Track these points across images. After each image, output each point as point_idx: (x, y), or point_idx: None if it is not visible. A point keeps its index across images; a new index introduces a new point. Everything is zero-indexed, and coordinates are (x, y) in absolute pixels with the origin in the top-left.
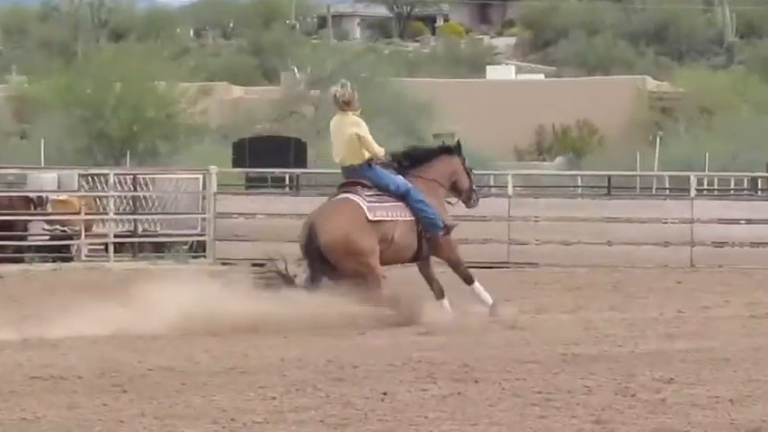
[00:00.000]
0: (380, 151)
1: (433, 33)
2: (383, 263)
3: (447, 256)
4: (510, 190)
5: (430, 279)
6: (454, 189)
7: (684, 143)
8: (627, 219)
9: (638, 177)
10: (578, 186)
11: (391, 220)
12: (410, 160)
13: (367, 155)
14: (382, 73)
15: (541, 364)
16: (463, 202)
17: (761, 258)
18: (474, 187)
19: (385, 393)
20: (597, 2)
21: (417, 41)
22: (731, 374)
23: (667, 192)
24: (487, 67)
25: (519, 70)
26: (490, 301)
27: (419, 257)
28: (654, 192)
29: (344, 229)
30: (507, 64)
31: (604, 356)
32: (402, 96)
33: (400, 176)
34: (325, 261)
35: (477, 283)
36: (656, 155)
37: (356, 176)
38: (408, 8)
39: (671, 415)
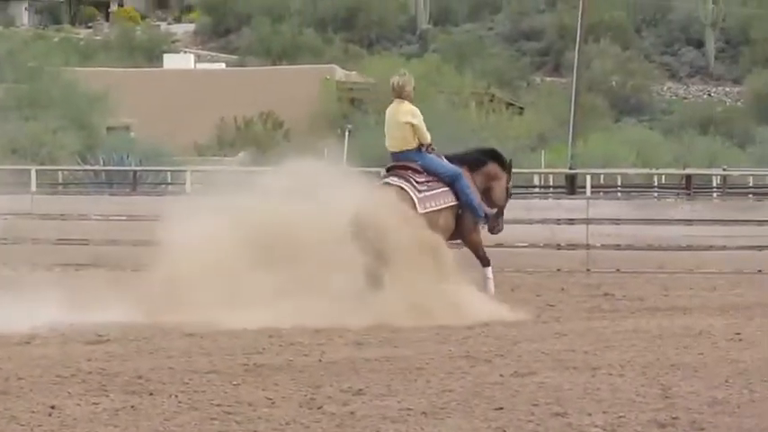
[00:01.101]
0: (429, 139)
1: (107, 19)
2: None
3: (472, 238)
4: (188, 187)
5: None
6: (486, 199)
7: (375, 136)
8: None
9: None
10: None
11: (437, 209)
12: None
13: (418, 143)
14: (52, 62)
15: (221, 375)
16: (490, 222)
17: None
18: (503, 211)
19: (53, 407)
20: None
21: (90, 28)
22: (424, 385)
23: None
24: (165, 55)
25: (198, 59)
26: (492, 292)
27: (452, 239)
28: None
29: (392, 220)
30: (186, 52)
31: (289, 366)
32: (74, 87)
33: (450, 163)
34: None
35: (490, 269)
36: (345, 149)
37: (406, 160)
38: None
39: (359, 429)
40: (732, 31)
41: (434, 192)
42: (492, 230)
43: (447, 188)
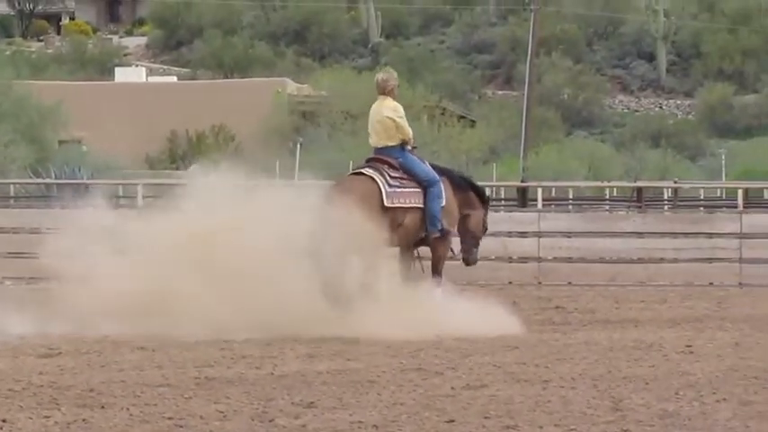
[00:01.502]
0: (411, 134)
1: (59, 33)
2: (393, 243)
3: (437, 252)
4: (140, 201)
5: (405, 266)
6: (462, 225)
7: (327, 149)
8: None
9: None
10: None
11: (405, 207)
12: (444, 172)
13: (400, 139)
14: (3, 75)
15: (173, 388)
16: (464, 250)
17: None
18: (479, 242)
19: (4, 420)
20: (234, 0)
21: (41, 41)
22: (375, 398)
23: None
24: (116, 68)
25: (150, 72)
26: (440, 311)
27: (425, 243)
28: None
29: (359, 208)
30: (138, 65)
31: (241, 379)
32: (25, 100)
33: (431, 168)
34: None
35: (440, 291)
36: (297, 162)
37: (386, 155)
38: (31, 5)
39: None
40: (683, 45)
41: (405, 190)
42: (466, 262)
43: (420, 190)
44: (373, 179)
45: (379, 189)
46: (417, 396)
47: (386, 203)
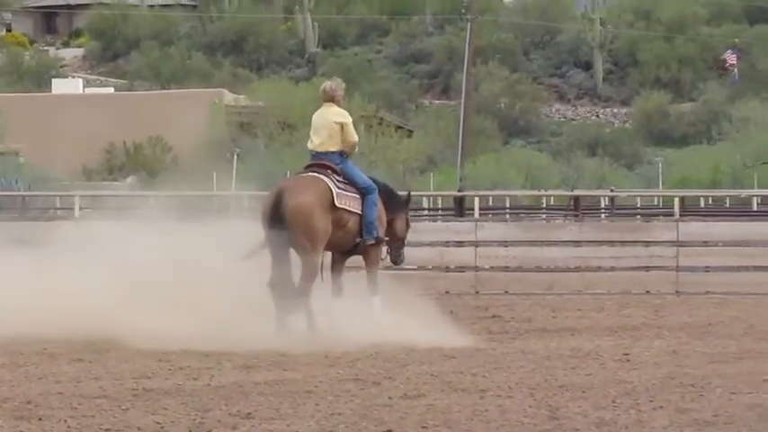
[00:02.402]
0: (356, 138)
1: None
2: (329, 247)
3: (370, 259)
4: (77, 212)
5: (337, 275)
6: (389, 229)
7: (264, 160)
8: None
9: (215, 198)
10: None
11: (349, 210)
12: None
13: (342, 146)
14: None
15: (111, 400)
16: (390, 252)
17: None
18: (404, 243)
19: None
20: (170, 11)
21: None
22: (313, 408)
23: (246, 212)
24: (53, 80)
25: (87, 84)
26: (379, 319)
27: (355, 251)
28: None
29: (312, 203)
30: (75, 77)
31: (178, 390)
32: None
33: (368, 177)
34: (283, 229)
35: (378, 299)
36: (234, 172)
37: (327, 160)
38: None
39: None
40: (620, 53)
41: (349, 194)
42: (395, 261)
43: (359, 197)
44: (323, 179)
45: (330, 188)
46: (355, 406)
47: (336, 203)
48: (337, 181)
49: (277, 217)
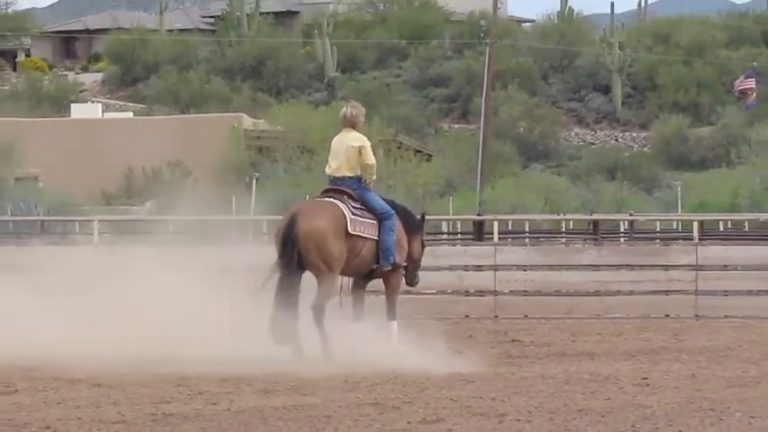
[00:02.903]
0: (374, 161)
1: (14, 69)
2: (344, 272)
3: (390, 284)
4: (96, 237)
5: (358, 300)
6: (407, 254)
7: (283, 184)
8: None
9: (234, 222)
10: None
11: (364, 237)
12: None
13: (359, 171)
14: None
15: (129, 425)
16: (406, 275)
17: None
18: (419, 265)
19: None
20: (189, 35)
21: None
22: None
23: (265, 237)
24: (72, 105)
25: (106, 108)
26: (396, 346)
27: (374, 276)
28: (250, 237)
29: (325, 227)
30: (94, 101)
31: (197, 415)
32: None
33: (386, 202)
34: (296, 251)
35: (395, 324)
36: (253, 198)
37: (344, 186)
38: None
39: None
40: (638, 77)
41: (365, 220)
42: (411, 283)
43: (375, 222)
44: (337, 204)
45: (344, 214)
46: (374, 431)
47: (349, 230)
48: (353, 207)
49: (290, 240)
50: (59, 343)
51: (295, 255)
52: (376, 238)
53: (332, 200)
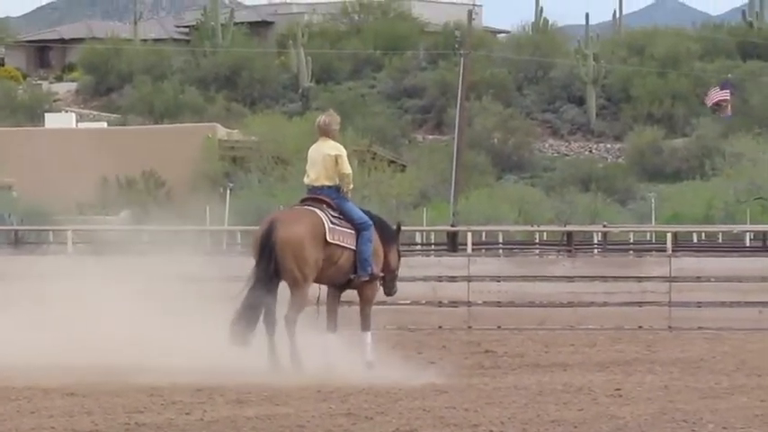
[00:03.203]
0: (350, 170)
1: None
2: (320, 280)
3: (365, 294)
4: (70, 247)
5: (332, 310)
6: (384, 264)
7: (257, 195)
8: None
9: (208, 233)
10: (145, 243)
11: (342, 246)
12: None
13: (337, 180)
14: None
15: None
16: (384, 285)
17: None
18: (397, 274)
19: None
20: (163, 45)
21: None
22: None
23: (239, 248)
24: (46, 114)
25: (80, 118)
26: (370, 357)
27: (350, 286)
28: (224, 248)
29: (303, 235)
30: (68, 111)
31: (170, 425)
32: None
33: (364, 213)
34: (273, 259)
35: (369, 334)
36: (227, 208)
37: (323, 195)
38: None
39: None
40: (613, 89)
41: (343, 229)
42: (389, 293)
43: (353, 232)
44: (316, 212)
45: (323, 222)
46: None
47: (328, 238)
48: (332, 216)
49: (267, 247)
50: (32, 352)
51: (272, 261)
52: (354, 247)
53: (311, 208)
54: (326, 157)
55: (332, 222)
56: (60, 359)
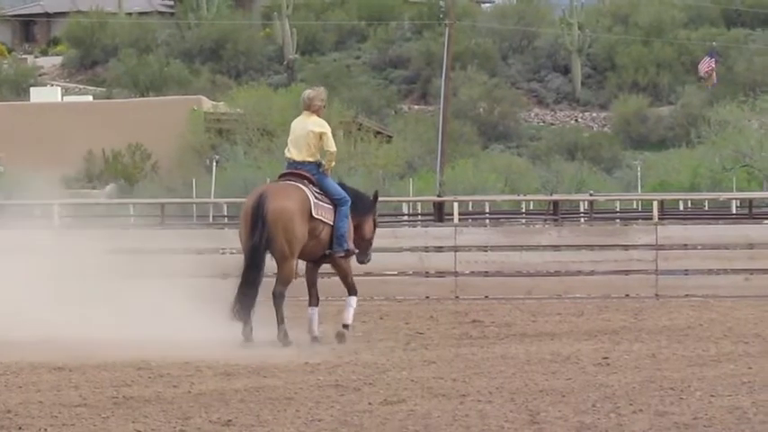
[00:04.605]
0: (334, 147)
1: None
2: (301, 255)
3: (341, 267)
4: (56, 221)
5: (312, 284)
6: (357, 234)
7: (243, 167)
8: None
9: (194, 205)
10: (131, 216)
11: (324, 221)
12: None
13: (318, 156)
14: None
15: (91, 408)
16: (358, 254)
17: None
18: (372, 243)
19: None
20: (148, 18)
21: None
22: (293, 414)
23: (225, 220)
24: (32, 89)
25: (66, 92)
26: (350, 320)
27: (325, 260)
28: (211, 220)
29: (292, 208)
30: (53, 85)
31: (158, 398)
32: None
33: (342, 189)
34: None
35: (355, 298)
36: (213, 180)
37: (304, 170)
38: None
39: None
40: (598, 57)
41: (325, 205)
42: (362, 262)
43: (332, 208)
44: (302, 188)
45: (308, 198)
46: (335, 412)
47: (313, 213)
48: (315, 191)
49: (257, 219)
50: (20, 326)
51: (265, 234)
52: (332, 223)
53: (296, 183)
54: (310, 134)
55: (316, 198)
56: (48, 333)
